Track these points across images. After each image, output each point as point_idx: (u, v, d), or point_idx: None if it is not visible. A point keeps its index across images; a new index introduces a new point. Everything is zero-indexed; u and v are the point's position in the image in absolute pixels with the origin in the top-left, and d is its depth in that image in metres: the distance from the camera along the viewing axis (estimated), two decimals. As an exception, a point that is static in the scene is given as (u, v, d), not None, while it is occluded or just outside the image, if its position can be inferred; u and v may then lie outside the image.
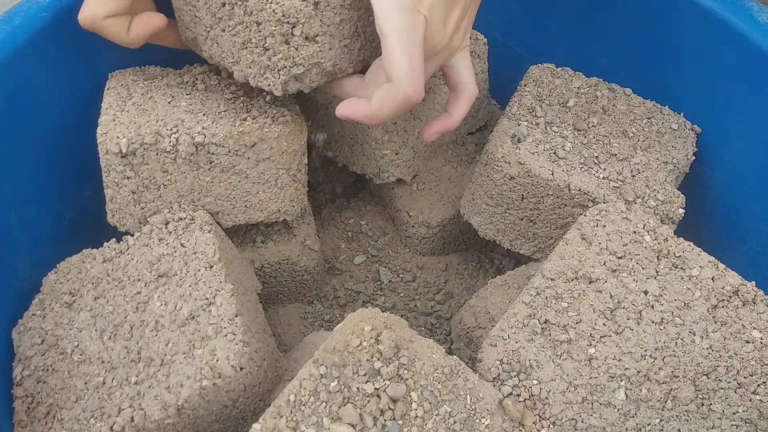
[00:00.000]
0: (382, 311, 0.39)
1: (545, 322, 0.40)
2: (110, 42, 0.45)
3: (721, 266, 0.41)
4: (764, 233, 0.52)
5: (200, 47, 0.45)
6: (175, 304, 0.42)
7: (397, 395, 0.35)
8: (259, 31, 0.39)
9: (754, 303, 0.39)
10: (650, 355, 0.38)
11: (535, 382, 0.38)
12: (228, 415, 0.41)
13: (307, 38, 0.39)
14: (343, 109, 0.42)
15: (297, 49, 0.39)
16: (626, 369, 0.38)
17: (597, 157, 0.49)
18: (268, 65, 0.40)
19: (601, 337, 0.39)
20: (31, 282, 0.46)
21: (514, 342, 0.39)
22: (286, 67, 0.40)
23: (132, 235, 0.47)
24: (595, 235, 0.42)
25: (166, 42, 0.48)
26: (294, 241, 0.55)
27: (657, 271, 0.41)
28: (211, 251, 0.44)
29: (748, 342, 0.38)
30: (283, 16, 0.37)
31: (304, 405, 0.35)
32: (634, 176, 0.48)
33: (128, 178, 0.45)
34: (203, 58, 0.46)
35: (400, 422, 0.34)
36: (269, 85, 0.41)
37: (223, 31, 0.41)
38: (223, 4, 0.40)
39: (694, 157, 0.52)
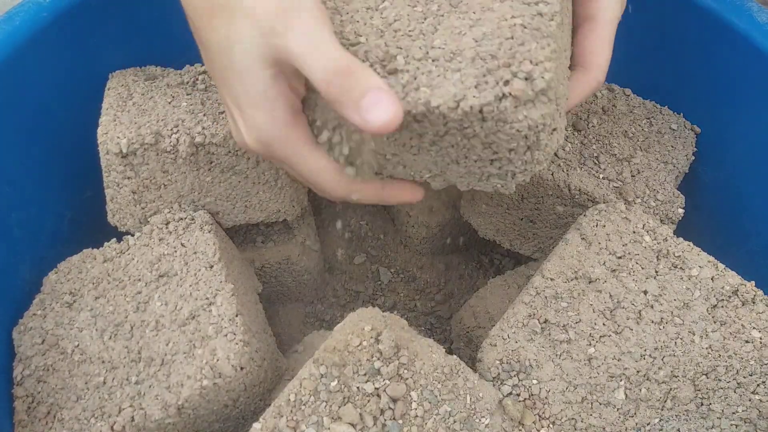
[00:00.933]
0: (382, 311, 0.39)
1: (545, 322, 0.40)
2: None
3: (721, 266, 0.41)
4: (764, 233, 0.52)
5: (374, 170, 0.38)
6: (176, 303, 0.42)
7: (397, 395, 0.35)
8: (487, 148, 0.33)
9: (754, 303, 0.39)
10: (650, 355, 0.38)
11: (534, 381, 0.38)
12: (228, 414, 0.41)
13: (550, 132, 0.33)
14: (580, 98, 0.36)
15: (540, 150, 0.33)
16: (626, 369, 0.38)
17: (597, 157, 0.49)
18: (497, 173, 0.35)
19: (600, 336, 0.39)
20: (32, 282, 0.46)
21: (514, 342, 0.39)
22: (526, 170, 0.34)
23: (132, 235, 0.47)
24: (595, 235, 0.43)
25: None
26: (294, 241, 0.55)
27: (656, 271, 0.41)
28: (212, 251, 0.44)
29: (747, 342, 0.38)
30: (530, 129, 0.31)
31: (304, 404, 0.35)
32: (633, 176, 0.48)
33: (128, 178, 0.45)
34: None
35: (400, 422, 0.34)
36: (494, 187, 0.36)
37: (415, 156, 0.35)
38: (421, 136, 0.33)
39: (694, 157, 0.52)
